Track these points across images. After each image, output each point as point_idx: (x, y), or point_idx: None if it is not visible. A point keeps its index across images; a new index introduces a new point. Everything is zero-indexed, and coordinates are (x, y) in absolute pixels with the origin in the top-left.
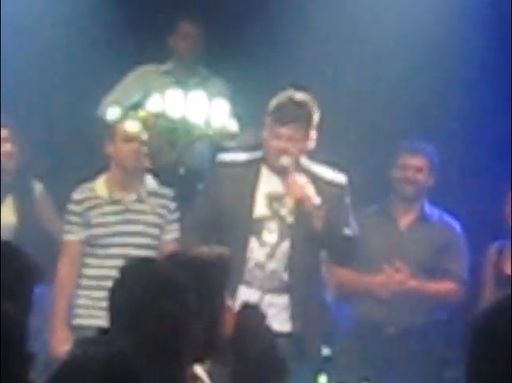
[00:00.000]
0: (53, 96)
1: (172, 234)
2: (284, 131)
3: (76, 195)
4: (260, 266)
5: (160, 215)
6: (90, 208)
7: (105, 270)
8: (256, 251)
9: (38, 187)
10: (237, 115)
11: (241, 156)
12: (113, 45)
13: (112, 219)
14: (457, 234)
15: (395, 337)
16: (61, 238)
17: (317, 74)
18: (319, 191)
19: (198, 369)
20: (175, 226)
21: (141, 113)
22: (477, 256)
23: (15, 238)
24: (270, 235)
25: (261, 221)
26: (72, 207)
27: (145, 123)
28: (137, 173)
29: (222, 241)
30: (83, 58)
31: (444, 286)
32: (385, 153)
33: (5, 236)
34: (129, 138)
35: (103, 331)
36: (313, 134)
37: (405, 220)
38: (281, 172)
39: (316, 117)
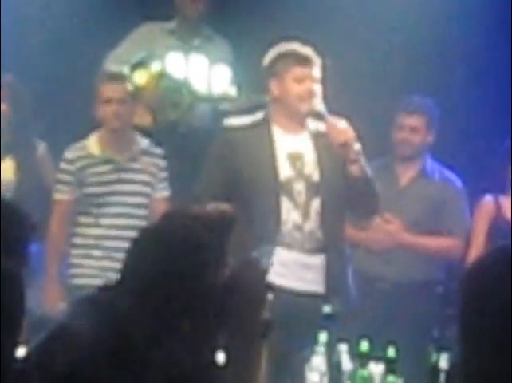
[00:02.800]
0: (56, 52)
1: (163, 192)
2: (306, 71)
3: (69, 154)
4: (298, 227)
5: (152, 174)
6: (83, 167)
7: (102, 229)
8: (292, 213)
9: (40, 145)
10: (239, 76)
11: (246, 119)
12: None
13: (105, 178)
14: (458, 191)
15: (388, 292)
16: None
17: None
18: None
19: None
20: (166, 184)
21: (144, 72)
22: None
23: (14, 195)
24: (300, 196)
25: (288, 182)
26: (64, 165)
27: (147, 82)
28: (126, 133)
29: (249, 208)
30: (87, 13)
31: (442, 242)
32: (388, 107)
33: (5, 194)
34: (108, 99)
35: (103, 289)
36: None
37: (406, 176)
38: (317, 117)
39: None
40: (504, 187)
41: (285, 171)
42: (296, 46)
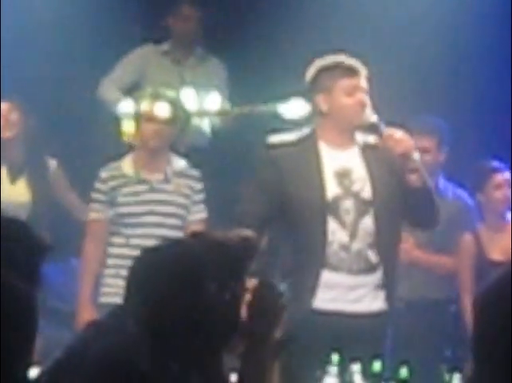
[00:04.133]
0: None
1: (198, 215)
2: (354, 82)
3: (103, 174)
4: (345, 247)
5: (186, 196)
6: (116, 187)
7: (131, 249)
8: (338, 233)
9: (52, 164)
10: (233, 94)
11: (290, 136)
12: (114, 23)
13: (138, 198)
14: (470, 209)
15: (400, 311)
16: (86, 216)
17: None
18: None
19: None
20: (201, 207)
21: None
22: None
23: (29, 216)
24: (348, 214)
25: (335, 201)
26: (98, 185)
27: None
28: (162, 153)
29: (294, 230)
30: (84, 37)
31: (452, 261)
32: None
33: (20, 214)
34: (152, 118)
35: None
36: None
37: None
38: (371, 129)
39: None
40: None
41: (332, 189)
42: (342, 58)
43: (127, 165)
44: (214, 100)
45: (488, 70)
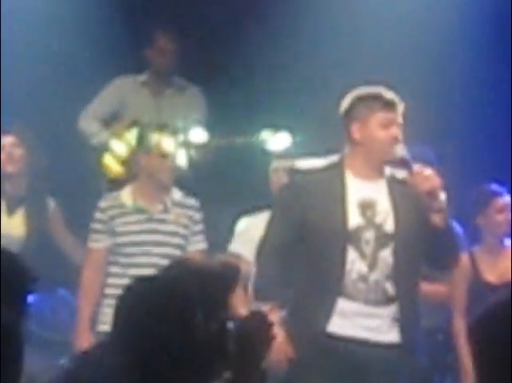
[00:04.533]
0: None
1: (197, 245)
2: (391, 116)
3: (102, 203)
4: (363, 277)
5: (185, 226)
6: (115, 216)
7: (129, 279)
8: (357, 263)
9: (51, 203)
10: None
11: (319, 162)
12: (93, 56)
13: (136, 228)
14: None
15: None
16: (81, 259)
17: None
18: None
19: None
20: (200, 237)
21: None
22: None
23: (23, 249)
24: (368, 245)
25: (357, 231)
26: (97, 214)
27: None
28: (166, 186)
29: (313, 257)
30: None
31: (443, 289)
32: None
33: (14, 247)
34: (166, 154)
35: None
36: None
37: None
38: (399, 165)
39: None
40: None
41: (354, 219)
42: (381, 90)
43: (126, 195)
44: (194, 132)
45: (485, 93)
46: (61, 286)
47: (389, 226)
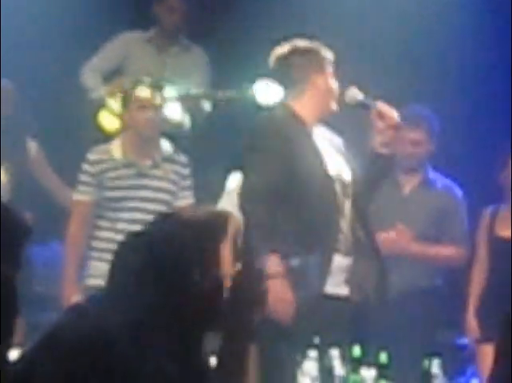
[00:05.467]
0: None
1: (185, 200)
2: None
3: (92, 156)
4: (341, 230)
5: (174, 182)
6: (104, 170)
7: (117, 233)
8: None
9: (33, 145)
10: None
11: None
12: (100, 11)
13: (125, 183)
14: (459, 200)
15: (395, 300)
16: (68, 199)
17: None
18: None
19: None
20: (188, 192)
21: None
22: (476, 222)
23: (10, 199)
24: (338, 197)
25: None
26: (86, 167)
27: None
28: (153, 139)
29: (303, 211)
30: (70, 23)
31: (446, 251)
32: None
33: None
34: (144, 105)
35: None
36: None
37: (408, 186)
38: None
39: None
40: (504, 196)
41: (331, 170)
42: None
43: (115, 149)
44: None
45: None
46: (53, 239)
47: (346, 176)
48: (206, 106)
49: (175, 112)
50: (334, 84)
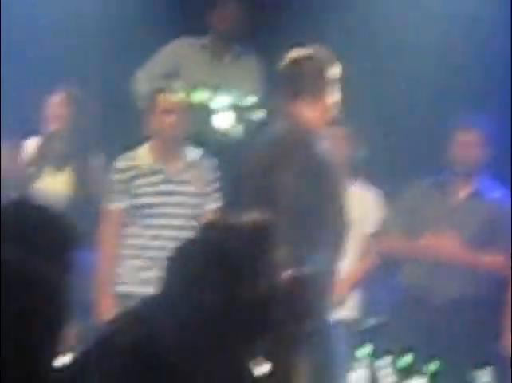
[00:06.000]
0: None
1: (213, 204)
2: None
3: (120, 164)
4: None
5: (201, 186)
6: (133, 177)
7: (145, 239)
8: None
9: (98, 157)
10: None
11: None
12: (155, 17)
13: (153, 189)
14: (510, 210)
15: (444, 307)
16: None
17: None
18: None
19: None
20: (216, 196)
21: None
22: None
23: (69, 206)
24: None
25: None
26: (116, 175)
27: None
28: (178, 144)
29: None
30: (125, 28)
31: (495, 260)
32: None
33: (60, 204)
34: (168, 109)
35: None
36: None
37: (460, 194)
38: None
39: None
40: None
41: None
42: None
43: (143, 155)
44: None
45: None
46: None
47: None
48: (258, 115)
49: (225, 120)
50: (338, 96)
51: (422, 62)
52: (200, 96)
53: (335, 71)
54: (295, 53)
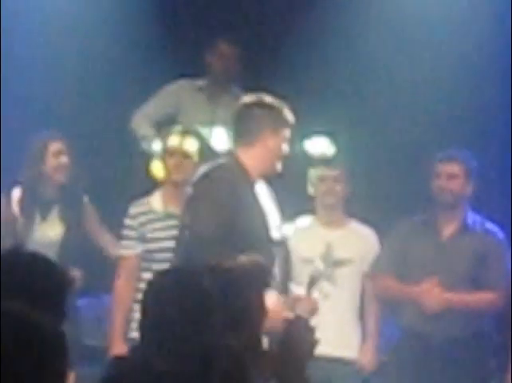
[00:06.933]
0: (95, 108)
1: None
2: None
3: (132, 210)
4: None
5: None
6: (145, 223)
7: None
8: None
9: (85, 199)
10: None
11: None
12: (152, 59)
13: (166, 233)
14: (499, 243)
15: (442, 347)
16: (117, 252)
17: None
18: None
19: None
20: None
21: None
22: None
23: (60, 250)
24: None
25: None
26: (128, 221)
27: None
28: (185, 186)
29: None
30: (122, 69)
31: (483, 297)
32: (424, 163)
33: (50, 250)
34: (172, 152)
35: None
36: None
37: (447, 230)
38: None
39: None
40: None
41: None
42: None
43: (155, 201)
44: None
45: None
46: (105, 291)
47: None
48: None
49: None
50: (285, 147)
51: (407, 99)
52: (198, 138)
53: (283, 121)
54: (246, 98)
